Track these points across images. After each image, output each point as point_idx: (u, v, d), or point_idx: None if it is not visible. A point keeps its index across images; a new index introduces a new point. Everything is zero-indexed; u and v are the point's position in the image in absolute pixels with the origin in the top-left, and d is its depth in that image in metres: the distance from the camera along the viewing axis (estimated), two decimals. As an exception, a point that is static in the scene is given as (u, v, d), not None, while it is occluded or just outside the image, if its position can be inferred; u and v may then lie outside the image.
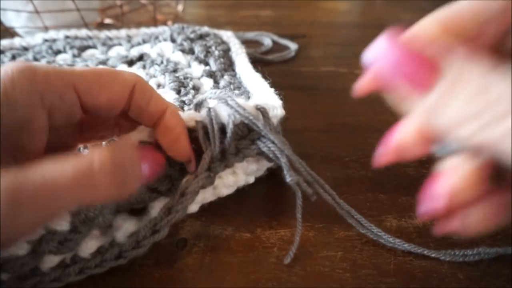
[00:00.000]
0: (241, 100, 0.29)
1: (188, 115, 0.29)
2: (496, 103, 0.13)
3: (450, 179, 0.18)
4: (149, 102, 0.26)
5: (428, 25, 0.18)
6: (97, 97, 0.24)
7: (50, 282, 0.23)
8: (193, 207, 0.30)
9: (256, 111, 0.30)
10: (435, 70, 0.15)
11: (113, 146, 0.22)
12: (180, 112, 0.29)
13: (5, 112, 0.20)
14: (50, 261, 0.23)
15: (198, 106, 0.31)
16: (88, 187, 0.19)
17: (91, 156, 0.20)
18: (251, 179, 0.33)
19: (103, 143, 0.33)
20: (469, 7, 0.18)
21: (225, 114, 0.29)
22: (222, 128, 0.29)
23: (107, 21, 0.71)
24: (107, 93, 0.24)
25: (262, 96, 0.35)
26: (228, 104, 0.28)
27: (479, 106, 0.14)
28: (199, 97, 0.31)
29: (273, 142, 0.29)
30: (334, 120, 0.45)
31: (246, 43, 0.63)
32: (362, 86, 0.19)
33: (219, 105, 0.29)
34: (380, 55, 0.17)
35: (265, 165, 0.32)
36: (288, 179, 0.28)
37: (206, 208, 0.31)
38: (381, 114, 0.47)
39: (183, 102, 0.38)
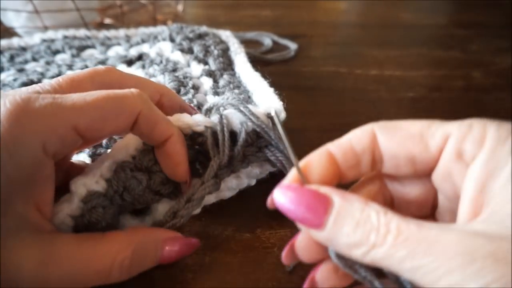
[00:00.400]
0: (253, 107, 0.29)
1: (198, 119, 0.28)
2: (374, 232, 0.17)
3: None
4: (153, 130, 0.25)
5: (318, 157, 0.22)
6: (100, 131, 0.23)
7: None
8: (227, 194, 0.31)
9: (267, 119, 0.29)
10: (324, 209, 0.19)
11: (140, 237, 0.24)
12: (189, 116, 0.29)
13: (15, 165, 0.20)
14: None
15: (209, 111, 0.31)
16: (102, 278, 0.22)
17: (114, 249, 0.22)
18: (253, 182, 0.33)
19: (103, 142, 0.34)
20: (348, 141, 0.22)
21: (237, 122, 0.28)
22: (231, 135, 0.28)
23: (107, 21, 0.71)
24: (111, 127, 0.23)
25: (264, 98, 0.35)
26: (241, 111, 0.28)
27: (362, 235, 0.18)
28: (210, 102, 0.31)
29: (281, 152, 0.29)
30: (334, 120, 0.45)
31: (246, 43, 0.63)
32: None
33: (231, 112, 0.29)
34: (279, 204, 0.20)
35: (268, 169, 0.32)
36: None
37: (206, 209, 0.31)
38: (381, 114, 0.47)
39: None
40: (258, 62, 0.52)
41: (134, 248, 0.23)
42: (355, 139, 0.22)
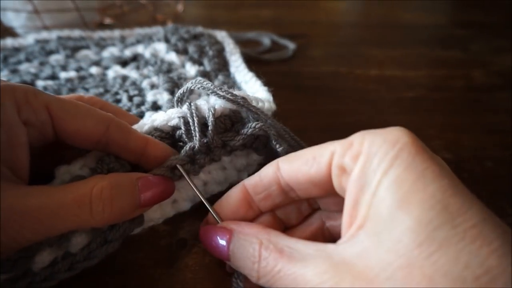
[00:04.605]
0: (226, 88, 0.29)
1: (171, 112, 0.29)
2: (257, 264, 0.20)
3: None
4: (128, 139, 0.26)
5: (234, 193, 0.26)
6: (67, 124, 0.24)
7: (41, 282, 0.23)
8: (185, 205, 0.30)
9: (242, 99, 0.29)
10: (227, 244, 0.22)
11: (114, 175, 0.24)
12: (162, 112, 0.29)
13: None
14: (42, 261, 0.23)
15: (180, 101, 0.31)
16: (85, 212, 0.21)
17: (91, 182, 0.22)
18: (244, 175, 0.32)
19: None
20: (258, 176, 0.25)
21: (205, 108, 0.29)
22: (206, 123, 0.29)
23: (107, 21, 0.71)
24: (77, 125, 0.24)
25: (254, 93, 0.35)
26: (213, 92, 0.28)
27: (252, 266, 0.21)
28: (179, 91, 0.31)
29: (258, 120, 0.29)
30: (334, 120, 0.45)
31: (246, 43, 0.63)
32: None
33: (200, 100, 0.29)
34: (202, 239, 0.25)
35: (255, 159, 0.32)
36: (278, 148, 0.28)
37: (206, 208, 0.31)
38: (381, 114, 0.47)
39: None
40: (257, 62, 0.52)
41: (109, 180, 0.23)
42: (263, 173, 0.25)
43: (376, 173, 0.19)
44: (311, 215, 0.27)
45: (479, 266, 0.16)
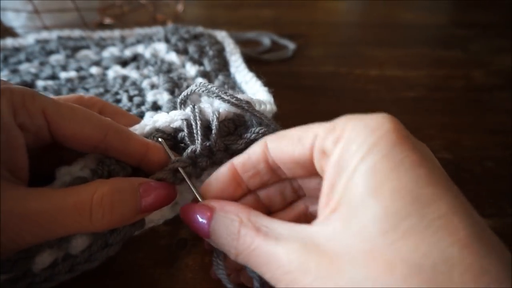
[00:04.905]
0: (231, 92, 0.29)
1: (173, 114, 0.29)
2: (236, 241, 0.21)
3: None
4: (128, 145, 0.25)
5: (224, 171, 0.25)
6: (63, 129, 0.24)
7: (42, 283, 0.23)
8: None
9: (246, 104, 0.29)
10: (208, 221, 0.22)
11: (116, 180, 0.24)
12: (165, 114, 0.29)
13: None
14: (42, 262, 0.23)
15: (183, 104, 0.31)
16: (84, 218, 0.21)
17: (92, 188, 0.22)
18: None
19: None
20: (247, 154, 0.25)
21: (210, 111, 0.28)
22: (209, 126, 0.28)
23: (107, 21, 0.71)
24: (74, 129, 0.24)
25: (258, 98, 0.35)
26: (218, 96, 0.28)
27: (231, 242, 0.21)
28: (183, 93, 0.30)
29: (261, 125, 0.29)
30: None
31: (246, 43, 0.63)
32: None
33: (203, 103, 0.29)
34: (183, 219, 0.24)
35: None
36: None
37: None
38: (381, 114, 0.47)
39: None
40: (257, 62, 0.52)
41: (110, 186, 0.23)
42: (251, 151, 0.25)
43: (353, 158, 0.19)
44: (296, 201, 0.27)
45: (438, 255, 0.16)
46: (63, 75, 0.45)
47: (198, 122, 0.28)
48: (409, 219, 0.17)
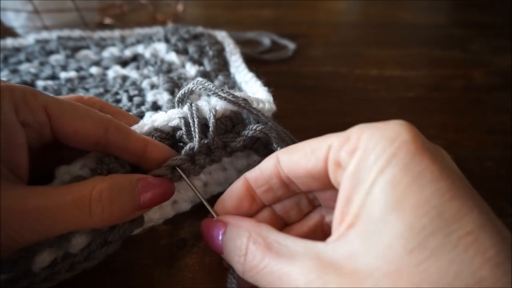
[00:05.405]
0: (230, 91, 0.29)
1: (171, 113, 0.29)
2: (243, 257, 0.21)
3: None
4: (128, 141, 0.26)
5: (238, 186, 0.25)
6: (65, 126, 0.24)
7: (41, 282, 0.23)
8: (185, 205, 0.30)
9: (243, 101, 0.29)
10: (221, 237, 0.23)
11: (114, 176, 0.24)
12: (163, 113, 0.29)
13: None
14: (42, 261, 0.23)
15: (180, 102, 0.31)
16: (84, 213, 0.21)
17: (91, 184, 0.22)
18: None
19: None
20: (259, 168, 0.25)
21: (207, 109, 0.29)
22: (207, 124, 0.29)
23: (107, 21, 0.71)
24: (75, 126, 0.24)
25: (254, 93, 0.35)
26: (215, 93, 0.28)
27: (238, 259, 0.21)
28: (180, 91, 0.31)
29: (259, 122, 0.29)
30: (334, 120, 0.45)
31: (246, 43, 0.63)
32: None
33: (201, 101, 0.29)
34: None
35: (255, 160, 0.32)
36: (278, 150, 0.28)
37: (206, 209, 0.31)
38: (380, 114, 0.47)
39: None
40: (257, 62, 0.52)
41: (109, 182, 0.23)
42: (263, 166, 0.24)
43: (371, 171, 0.18)
44: (312, 211, 0.26)
45: (470, 276, 0.15)
46: (63, 75, 0.45)
47: (196, 120, 0.28)
48: (435, 237, 0.16)
